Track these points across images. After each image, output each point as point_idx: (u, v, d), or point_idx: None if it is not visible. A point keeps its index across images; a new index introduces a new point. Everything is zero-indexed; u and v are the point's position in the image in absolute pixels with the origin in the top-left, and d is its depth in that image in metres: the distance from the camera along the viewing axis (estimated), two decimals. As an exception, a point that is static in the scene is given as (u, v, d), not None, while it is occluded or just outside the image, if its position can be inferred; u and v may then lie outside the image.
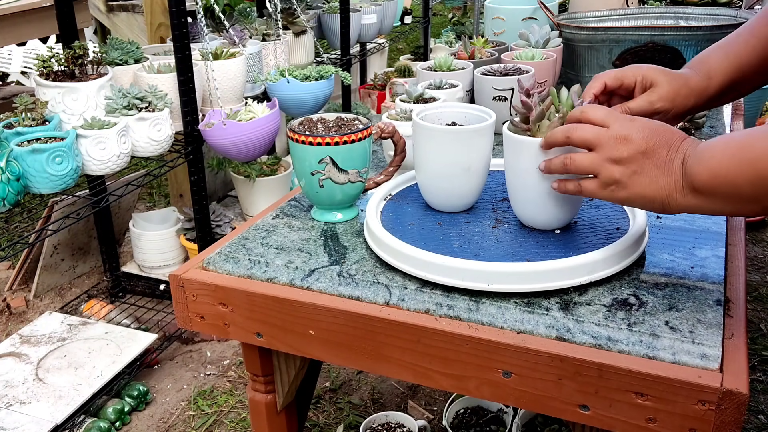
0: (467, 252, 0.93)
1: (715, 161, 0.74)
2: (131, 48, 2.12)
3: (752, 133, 0.73)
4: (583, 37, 1.69)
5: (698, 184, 0.75)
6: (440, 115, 1.09)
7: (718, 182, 0.74)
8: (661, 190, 0.79)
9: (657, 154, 0.79)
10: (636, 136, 0.80)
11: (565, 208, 0.96)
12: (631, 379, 0.76)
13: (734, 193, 0.73)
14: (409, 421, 1.70)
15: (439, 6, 7.29)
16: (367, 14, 3.31)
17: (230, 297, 0.98)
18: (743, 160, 0.72)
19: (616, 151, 0.80)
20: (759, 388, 2.05)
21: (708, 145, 0.76)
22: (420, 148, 1.04)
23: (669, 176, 0.78)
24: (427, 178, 1.05)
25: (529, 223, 0.99)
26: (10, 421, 1.80)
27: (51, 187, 1.68)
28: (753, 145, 0.72)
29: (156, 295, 2.51)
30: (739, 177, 0.72)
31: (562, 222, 0.98)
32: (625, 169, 0.80)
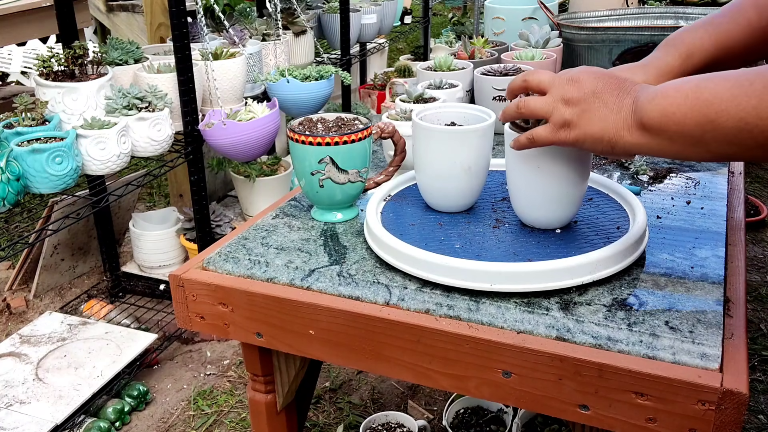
0: (468, 252, 0.93)
1: (667, 101, 0.74)
2: (131, 48, 2.12)
3: (710, 77, 0.73)
4: (583, 37, 1.69)
5: (647, 121, 0.76)
6: (440, 116, 1.09)
7: (666, 120, 0.74)
8: (609, 128, 0.79)
9: (607, 94, 0.80)
10: (587, 78, 0.82)
11: (566, 207, 0.96)
12: (631, 379, 0.76)
13: (681, 132, 0.73)
14: (409, 421, 1.70)
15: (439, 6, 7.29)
16: (367, 14, 3.31)
17: (230, 297, 0.98)
18: (696, 101, 0.72)
19: (567, 92, 0.82)
20: (759, 388, 2.05)
21: (663, 86, 0.76)
22: (419, 148, 1.04)
23: (618, 114, 0.79)
24: (426, 178, 1.05)
25: (530, 223, 0.99)
26: (10, 421, 1.80)
27: (51, 187, 1.68)
28: (707, 88, 0.72)
29: (156, 295, 2.51)
30: (688, 117, 0.72)
31: (563, 221, 0.98)
32: (575, 108, 0.81)
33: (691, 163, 1.26)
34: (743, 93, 0.69)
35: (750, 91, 0.69)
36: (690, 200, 1.11)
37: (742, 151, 0.71)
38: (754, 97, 0.68)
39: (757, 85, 0.69)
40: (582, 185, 0.95)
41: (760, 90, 0.68)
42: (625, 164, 1.25)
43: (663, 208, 1.09)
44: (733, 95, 0.70)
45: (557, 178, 0.92)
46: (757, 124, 0.68)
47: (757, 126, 0.68)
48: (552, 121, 0.83)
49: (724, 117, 0.70)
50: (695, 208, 1.08)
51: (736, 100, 0.69)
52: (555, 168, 0.92)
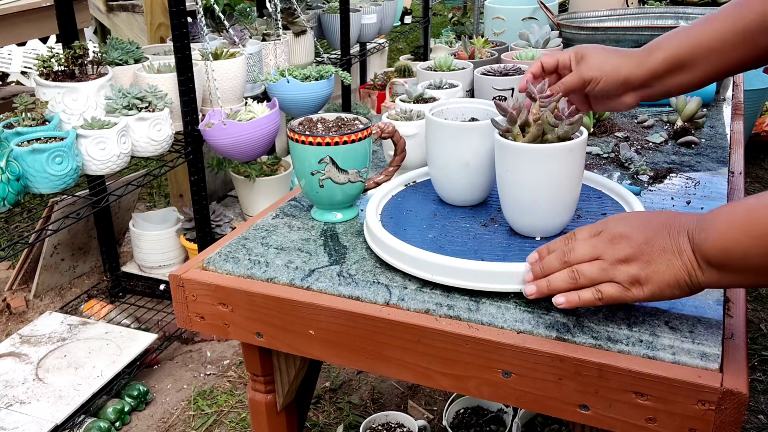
0: (468, 252, 0.93)
1: (723, 237, 0.71)
2: (131, 48, 2.12)
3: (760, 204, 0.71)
4: (583, 37, 1.68)
5: (712, 260, 0.73)
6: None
7: (730, 257, 0.71)
8: (680, 271, 0.75)
9: (660, 239, 0.76)
10: (631, 230, 0.78)
11: (559, 216, 0.95)
12: (631, 379, 0.76)
13: (749, 266, 0.71)
14: (409, 421, 1.70)
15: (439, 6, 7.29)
16: (367, 14, 3.31)
17: (230, 297, 0.98)
18: (752, 233, 0.69)
19: (620, 251, 0.77)
20: (759, 388, 2.05)
21: (712, 217, 0.74)
22: (429, 141, 1.07)
23: (682, 255, 0.75)
24: (436, 170, 1.08)
25: (522, 231, 0.98)
26: (10, 421, 1.80)
27: (51, 187, 1.68)
28: (758, 218, 0.70)
29: (156, 295, 2.51)
30: (750, 251, 0.70)
31: (557, 229, 0.97)
32: (637, 264, 0.76)
33: (691, 163, 1.26)
34: None
35: None
36: (690, 200, 1.11)
37: None
38: None
39: None
40: (574, 193, 0.94)
41: None
42: (625, 164, 1.25)
43: (663, 208, 1.09)
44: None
45: (547, 187, 0.92)
46: None
47: None
48: (619, 282, 0.77)
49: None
50: (695, 209, 1.08)
51: None
52: (546, 178, 0.91)
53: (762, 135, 3.70)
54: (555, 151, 0.90)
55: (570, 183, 0.93)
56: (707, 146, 1.34)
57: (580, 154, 0.92)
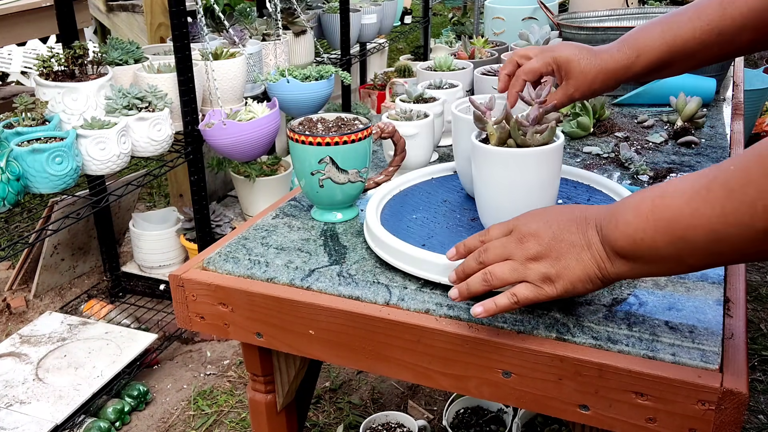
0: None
1: (630, 228, 0.70)
2: (131, 48, 2.12)
3: (664, 191, 0.69)
4: (583, 37, 1.68)
5: (620, 250, 0.71)
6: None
7: (637, 247, 0.70)
8: (590, 265, 0.74)
9: (567, 233, 0.76)
10: (539, 227, 0.77)
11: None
12: (631, 379, 0.76)
13: (658, 255, 0.69)
14: (409, 421, 1.70)
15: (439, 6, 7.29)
16: (367, 14, 3.31)
17: (230, 297, 0.98)
18: (659, 222, 0.68)
19: (529, 249, 0.77)
20: (759, 388, 2.05)
21: (619, 209, 0.72)
22: (454, 136, 1.10)
23: (590, 248, 0.74)
24: (459, 161, 1.11)
25: None
26: (10, 421, 1.80)
27: (51, 187, 1.68)
28: (665, 206, 0.68)
29: (156, 295, 2.51)
30: (657, 240, 0.68)
31: None
32: (546, 261, 0.76)
33: (691, 163, 1.26)
34: (703, 203, 0.64)
35: (710, 200, 0.64)
36: (690, 200, 1.11)
37: (722, 259, 0.67)
38: (716, 205, 0.63)
39: (715, 193, 0.64)
40: (543, 198, 0.93)
41: (721, 196, 0.63)
42: (625, 164, 1.25)
43: (663, 208, 1.08)
44: (694, 209, 0.65)
45: (514, 191, 0.92)
46: (728, 232, 0.63)
47: (728, 234, 0.63)
48: (531, 281, 0.77)
49: (692, 232, 0.65)
50: (695, 208, 1.08)
51: (698, 213, 0.65)
52: (510, 182, 0.91)
53: (762, 135, 3.70)
54: (519, 156, 0.89)
55: (537, 188, 0.91)
56: (707, 146, 1.34)
57: (549, 160, 0.90)
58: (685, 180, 0.68)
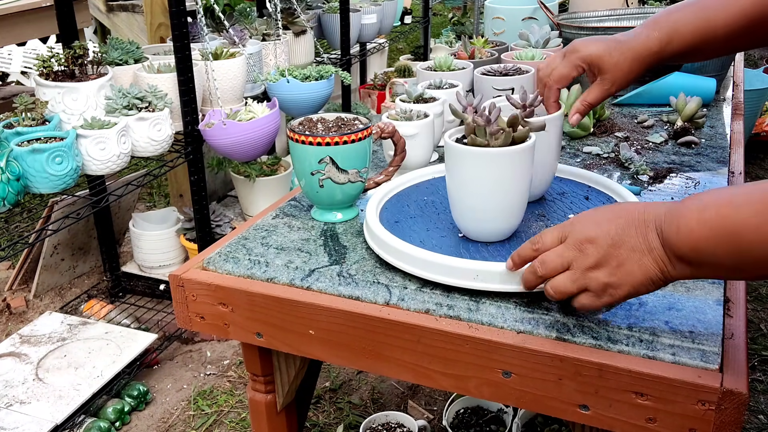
0: (468, 251, 0.93)
1: (693, 235, 0.69)
2: (131, 48, 2.12)
3: (731, 199, 0.68)
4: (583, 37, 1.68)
5: (682, 256, 0.71)
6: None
7: (699, 254, 0.70)
8: (652, 270, 0.73)
9: (627, 238, 0.74)
10: (597, 232, 0.76)
11: (507, 221, 0.95)
12: (631, 379, 0.76)
13: (719, 263, 0.69)
14: (409, 421, 1.70)
15: (439, 6, 7.29)
16: (367, 14, 3.31)
17: (230, 297, 0.98)
18: (722, 233, 0.67)
19: (589, 258, 0.76)
20: (759, 388, 2.05)
21: (682, 212, 0.71)
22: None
23: (651, 253, 0.73)
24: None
25: (472, 236, 0.97)
26: (10, 421, 1.80)
27: (51, 187, 1.68)
28: (730, 217, 0.67)
29: (156, 295, 2.51)
30: (719, 250, 0.68)
31: (505, 234, 0.97)
32: (606, 269, 0.75)
33: (691, 163, 1.26)
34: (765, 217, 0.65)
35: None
36: (690, 200, 1.11)
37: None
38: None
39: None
40: (511, 199, 0.93)
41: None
42: (625, 164, 1.25)
43: (663, 208, 1.08)
44: (759, 224, 0.65)
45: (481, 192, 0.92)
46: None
47: None
48: (593, 290, 0.76)
49: (755, 247, 0.65)
50: (695, 208, 1.08)
51: (762, 229, 0.65)
52: (492, 180, 0.91)
53: (762, 135, 3.70)
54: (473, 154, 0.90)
55: (505, 189, 0.91)
56: (707, 146, 1.34)
57: (513, 161, 0.90)
58: (752, 191, 0.67)
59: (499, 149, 0.89)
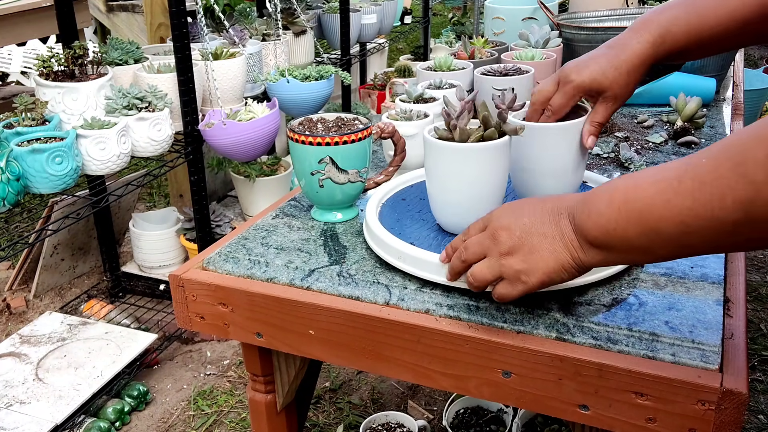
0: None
1: (603, 218, 0.69)
2: (131, 48, 2.12)
3: (636, 181, 0.69)
4: (583, 37, 1.69)
5: (593, 240, 0.71)
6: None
7: (609, 237, 0.70)
8: (563, 255, 0.74)
9: (539, 225, 0.75)
10: (512, 220, 0.77)
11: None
12: (631, 379, 0.76)
13: (629, 245, 0.69)
14: (409, 421, 1.70)
15: (439, 6, 7.29)
16: (367, 14, 3.31)
17: (230, 297, 0.98)
18: (631, 213, 0.67)
19: (502, 245, 0.77)
20: (759, 388, 2.05)
21: (592, 198, 0.72)
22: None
23: (563, 238, 0.74)
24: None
25: (449, 228, 0.99)
26: (10, 421, 1.80)
27: (51, 187, 1.68)
28: (637, 197, 0.67)
29: (156, 295, 2.51)
30: (629, 231, 0.68)
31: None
32: (519, 255, 0.76)
33: (691, 163, 1.26)
34: (675, 195, 0.64)
35: (681, 191, 0.64)
36: (690, 200, 1.11)
37: (693, 250, 0.67)
38: (687, 197, 0.63)
39: (686, 185, 0.64)
40: (499, 188, 0.95)
41: (692, 188, 0.63)
42: (625, 164, 1.25)
43: (663, 208, 1.08)
44: (666, 200, 0.65)
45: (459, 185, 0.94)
46: (698, 224, 0.63)
47: (699, 226, 0.63)
48: (507, 278, 0.77)
49: (663, 224, 0.65)
50: (695, 208, 1.08)
51: (669, 204, 0.64)
52: (471, 172, 0.93)
53: (762, 135, 3.69)
54: (443, 148, 0.93)
55: (478, 183, 0.93)
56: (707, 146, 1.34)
57: (487, 156, 0.92)
58: (658, 171, 0.68)
59: (458, 144, 0.92)
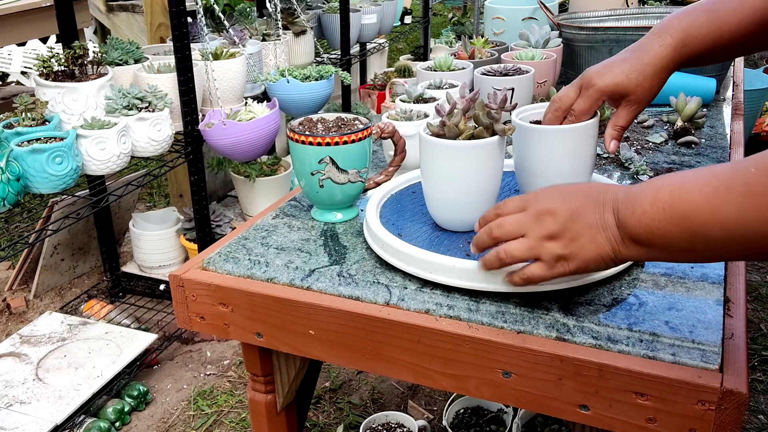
0: (468, 251, 0.93)
1: (647, 217, 0.70)
2: (131, 48, 2.12)
3: (683, 183, 0.69)
4: (583, 37, 1.69)
5: (635, 237, 0.72)
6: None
7: (652, 236, 0.71)
8: (604, 247, 0.75)
9: (585, 212, 0.76)
10: (557, 205, 0.78)
11: (480, 209, 0.96)
12: (631, 379, 0.76)
13: (670, 245, 0.70)
14: (409, 421, 1.70)
15: (439, 6, 7.29)
16: (367, 14, 3.31)
17: (230, 297, 0.98)
18: (675, 215, 0.68)
19: (545, 228, 0.77)
20: (759, 388, 2.05)
21: (638, 195, 0.73)
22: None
23: (605, 231, 0.75)
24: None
25: (443, 224, 1.00)
26: (10, 421, 1.80)
27: (51, 187, 1.68)
28: (683, 199, 0.68)
29: (156, 295, 2.51)
30: (672, 232, 0.69)
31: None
32: (561, 240, 0.77)
33: (691, 163, 1.26)
34: (722, 202, 0.65)
35: (729, 200, 0.65)
36: (690, 200, 1.11)
37: (735, 255, 0.69)
38: (733, 205, 0.65)
39: (735, 193, 0.65)
40: (490, 186, 0.96)
41: (739, 198, 0.64)
42: (625, 164, 1.25)
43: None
44: (713, 206, 0.66)
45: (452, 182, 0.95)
46: (740, 232, 0.65)
47: (743, 235, 0.65)
48: (545, 260, 0.78)
49: (707, 228, 0.66)
50: (695, 208, 1.08)
51: (715, 210, 0.66)
52: (460, 169, 0.94)
53: (762, 135, 3.70)
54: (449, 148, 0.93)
55: (467, 181, 0.94)
56: (707, 146, 1.34)
57: (476, 155, 0.93)
58: (704, 174, 0.69)
59: (448, 141, 0.94)
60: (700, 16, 0.96)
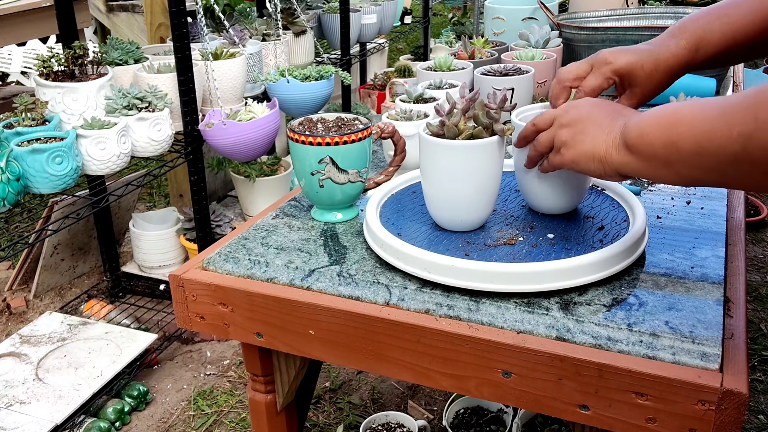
0: (469, 252, 0.93)
1: (645, 122, 0.76)
2: (131, 48, 2.12)
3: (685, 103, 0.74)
4: (583, 37, 1.69)
5: (628, 141, 0.78)
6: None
7: (641, 141, 0.76)
8: (600, 147, 0.81)
9: (602, 117, 0.82)
10: (585, 103, 0.86)
11: (480, 210, 0.98)
12: (631, 379, 0.76)
13: (653, 153, 0.75)
14: (409, 421, 1.70)
15: (439, 6, 7.29)
16: (367, 14, 3.31)
17: (230, 297, 0.98)
18: (665, 123, 0.73)
19: (565, 117, 0.86)
20: (759, 388, 2.05)
21: (653, 109, 0.78)
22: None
23: (609, 135, 0.80)
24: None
25: (441, 224, 1.00)
26: (10, 421, 1.80)
27: (51, 187, 1.68)
28: (678, 112, 0.73)
29: (156, 295, 2.51)
30: (657, 138, 0.74)
31: (477, 223, 0.99)
32: (570, 130, 0.84)
33: (691, 163, 1.26)
34: (701, 117, 0.70)
35: (707, 116, 0.69)
36: (690, 200, 1.11)
37: (704, 175, 0.71)
38: (707, 122, 0.69)
39: (712, 111, 0.69)
40: (490, 186, 0.96)
41: (713, 115, 0.68)
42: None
43: (663, 208, 1.09)
44: (691, 119, 0.70)
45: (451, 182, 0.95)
46: (708, 149, 0.68)
47: (708, 151, 0.68)
48: (555, 146, 0.87)
49: (683, 139, 0.71)
50: (695, 208, 1.08)
51: (692, 122, 0.70)
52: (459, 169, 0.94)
53: (762, 135, 3.69)
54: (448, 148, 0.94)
55: (466, 181, 0.94)
56: (707, 146, 1.33)
57: (474, 155, 0.93)
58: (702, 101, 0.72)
59: (446, 141, 0.94)
60: (713, 21, 0.97)
